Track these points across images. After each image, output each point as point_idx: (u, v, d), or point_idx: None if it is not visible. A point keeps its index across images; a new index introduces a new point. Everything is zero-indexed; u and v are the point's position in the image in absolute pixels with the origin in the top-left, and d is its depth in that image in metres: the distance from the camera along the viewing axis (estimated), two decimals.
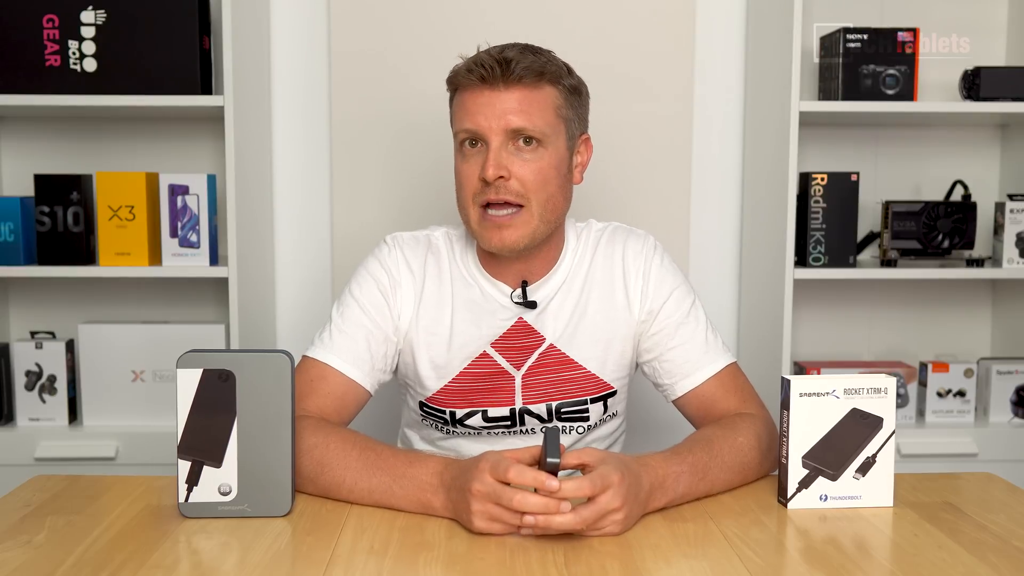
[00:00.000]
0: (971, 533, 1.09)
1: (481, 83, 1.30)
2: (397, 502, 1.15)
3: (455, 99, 1.36)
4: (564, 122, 1.35)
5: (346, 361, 1.33)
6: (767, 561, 1.01)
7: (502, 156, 1.30)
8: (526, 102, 1.30)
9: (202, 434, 1.11)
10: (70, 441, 2.02)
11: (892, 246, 2.07)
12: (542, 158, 1.31)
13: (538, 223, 1.33)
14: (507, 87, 1.29)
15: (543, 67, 1.31)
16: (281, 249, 2.21)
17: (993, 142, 2.27)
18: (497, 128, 1.29)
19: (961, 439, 2.09)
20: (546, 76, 1.31)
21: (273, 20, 2.16)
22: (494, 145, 1.29)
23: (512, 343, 1.39)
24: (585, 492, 1.04)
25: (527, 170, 1.30)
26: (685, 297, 1.42)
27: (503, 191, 1.30)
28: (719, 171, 2.23)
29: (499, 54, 1.30)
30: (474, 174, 1.32)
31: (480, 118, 1.30)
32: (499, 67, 1.28)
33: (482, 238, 1.34)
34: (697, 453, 1.20)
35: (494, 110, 1.29)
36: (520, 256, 1.37)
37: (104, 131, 2.16)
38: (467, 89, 1.32)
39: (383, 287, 1.39)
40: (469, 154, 1.33)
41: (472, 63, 1.31)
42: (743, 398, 1.37)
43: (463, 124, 1.32)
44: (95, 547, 1.03)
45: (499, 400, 1.39)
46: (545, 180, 1.32)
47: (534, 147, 1.31)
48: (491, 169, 1.28)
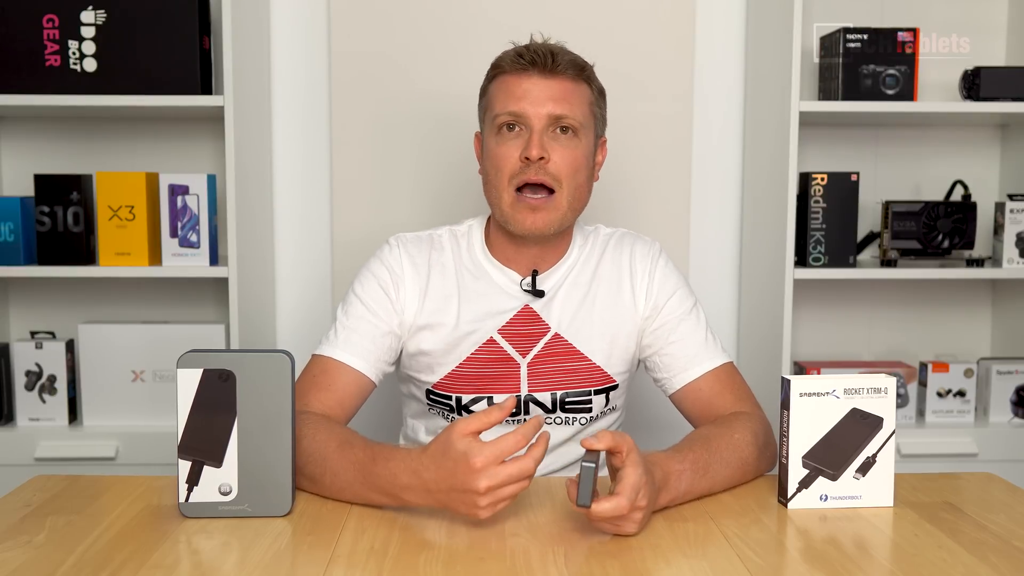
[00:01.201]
0: (971, 533, 1.09)
1: (531, 66, 1.37)
2: (373, 497, 1.14)
3: (496, 84, 1.41)
4: (594, 119, 1.43)
5: (349, 353, 1.36)
6: (767, 561, 1.01)
7: (544, 139, 1.36)
8: (568, 92, 1.38)
9: (202, 434, 1.11)
10: (70, 441, 2.02)
11: (892, 246, 2.07)
12: (577, 147, 1.39)
13: (566, 210, 1.39)
14: (553, 76, 1.37)
15: (583, 64, 1.41)
16: (281, 249, 2.21)
17: (993, 142, 2.27)
18: (542, 113, 1.36)
19: (961, 439, 2.09)
20: (584, 73, 1.41)
21: (273, 20, 2.16)
22: (537, 128, 1.36)
23: (518, 330, 1.43)
24: (623, 511, 1.04)
25: (564, 156, 1.37)
26: (687, 297, 1.48)
27: (542, 172, 1.36)
28: (719, 171, 2.23)
29: (544, 46, 1.39)
30: (512, 155, 1.37)
31: (526, 103, 1.36)
32: (549, 56, 1.37)
33: (514, 220, 1.39)
34: (697, 451, 1.21)
35: (541, 95, 1.36)
36: (538, 242, 1.43)
37: (104, 131, 2.16)
38: (513, 73, 1.39)
39: (385, 284, 1.42)
40: (507, 137, 1.39)
41: (523, 49, 1.39)
42: (739, 396, 1.40)
43: (507, 107, 1.38)
44: (95, 547, 1.03)
45: (505, 387, 1.42)
46: (578, 168, 1.39)
47: (570, 136, 1.38)
48: (535, 149, 1.34)
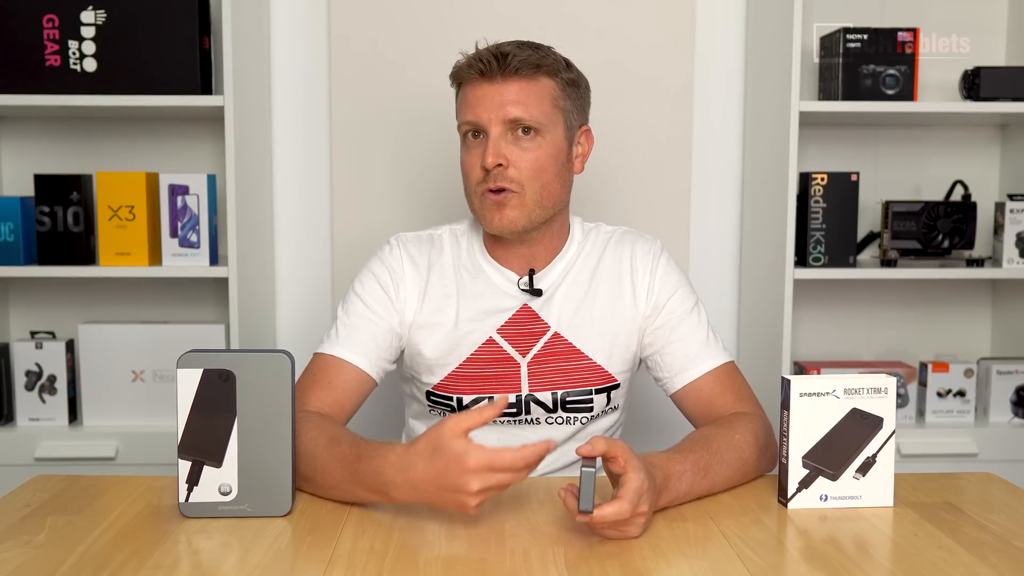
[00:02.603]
0: (971, 533, 1.09)
1: (480, 76, 1.37)
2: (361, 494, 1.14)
3: (459, 94, 1.43)
4: (562, 113, 1.41)
5: (350, 350, 1.36)
6: (767, 561, 1.01)
7: (501, 145, 1.36)
8: (523, 93, 1.36)
9: (202, 434, 1.11)
10: (70, 441, 2.02)
11: (892, 246, 2.07)
12: (540, 147, 1.38)
13: (533, 207, 1.39)
14: (505, 80, 1.36)
15: (539, 60, 1.38)
16: (281, 249, 2.21)
17: (993, 142, 2.27)
18: (496, 119, 1.36)
19: (961, 439, 2.09)
20: (543, 69, 1.38)
21: (273, 20, 2.16)
22: (493, 135, 1.36)
23: (518, 329, 1.42)
24: (626, 513, 1.03)
25: (524, 159, 1.37)
26: (688, 296, 1.47)
27: (501, 179, 1.36)
28: (719, 171, 2.23)
29: (496, 49, 1.38)
30: (476, 163, 1.38)
31: (480, 110, 1.37)
32: (496, 61, 1.36)
33: (484, 219, 1.40)
34: (698, 452, 1.21)
35: (493, 102, 1.36)
36: (524, 241, 1.43)
37: (104, 131, 2.16)
38: (468, 83, 1.40)
39: (384, 283, 1.43)
40: (472, 145, 1.40)
41: (472, 58, 1.39)
42: (739, 396, 1.40)
43: (465, 116, 1.39)
44: (95, 547, 1.03)
45: (505, 387, 1.41)
46: (542, 168, 1.38)
47: (532, 136, 1.37)
48: (490, 157, 1.35)
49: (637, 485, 1.04)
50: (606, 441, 1.06)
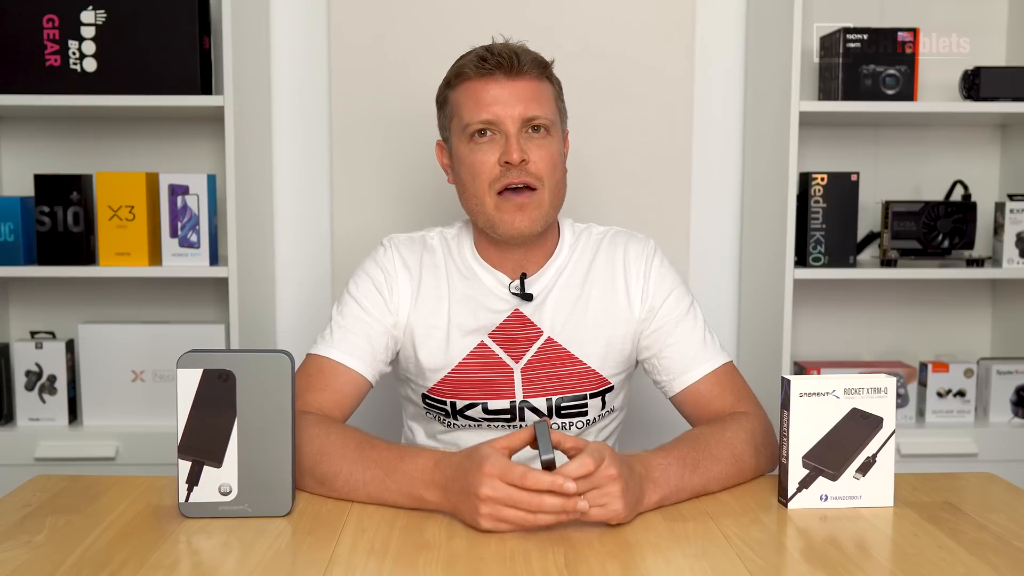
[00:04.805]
0: (971, 533, 1.09)
1: (496, 69, 1.36)
2: (390, 496, 1.15)
3: (461, 91, 1.39)
4: (560, 115, 1.44)
5: (345, 353, 1.36)
6: (767, 561, 1.01)
7: (520, 141, 1.36)
8: (535, 91, 1.38)
9: (202, 434, 1.11)
10: (70, 441, 2.02)
11: (892, 246, 2.07)
12: (551, 144, 1.39)
13: (548, 207, 1.39)
14: (519, 77, 1.37)
15: (544, 62, 1.40)
16: (281, 249, 2.21)
17: (993, 142, 2.27)
18: (515, 116, 1.35)
19: (961, 439, 2.09)
20: (546, 71, 1.41)
21: (273, 20, 2.16)
22: (512, 131, 1.35)
23: (509, 334, 1.41)
24: (589, 467, 1.05)
25: (542, 154, 1.37)
26: (684, 297, 1.46)
27: (524, 174, 1.36)
28: (719, 171, 2.23)
29: (507, 48, 1.38)
30: (489, 161, 1.37)
31: (497, 108, 1.35)
32: (514, 58, 1.36)
33: (501, 223, 1.38)
34: (682, 447, 1.22)
35: (510, 98, 1.35)
36: (521, 245, 1.42)
37: (104, 131, 2.16)
38: (478, 79, 1.37)
39: (379, 284, 1.42)
40: (481, 143, 1.37)
41: (485, 53, 1.37)
42: (739, 397, 1.39)
43: (478, 115, 1.36)
44: (95, 547, 1.03)
45: (499, 393, 1.40)
46: (555, 165, 1.39)
47: (543, 134, 1.38)
48: (516, 153, 1.34)
49: (597, 446, 1.08)
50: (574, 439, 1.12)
